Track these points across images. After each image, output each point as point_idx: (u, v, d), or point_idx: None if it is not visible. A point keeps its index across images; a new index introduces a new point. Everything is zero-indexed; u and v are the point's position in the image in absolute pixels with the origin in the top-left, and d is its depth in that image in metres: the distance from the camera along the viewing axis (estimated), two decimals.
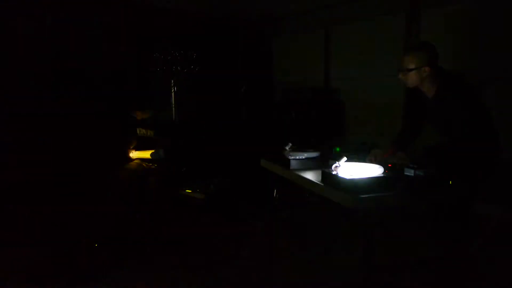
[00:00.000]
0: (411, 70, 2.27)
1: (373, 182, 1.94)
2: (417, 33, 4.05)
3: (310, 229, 3.44)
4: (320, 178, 2.18)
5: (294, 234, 3.37)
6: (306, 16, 5.42)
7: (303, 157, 2.58)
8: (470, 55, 3.57)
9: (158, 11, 5.18)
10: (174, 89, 4.87)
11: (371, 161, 2.37)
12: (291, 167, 2.53)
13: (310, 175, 2.33)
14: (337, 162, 2.05)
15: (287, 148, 2.66)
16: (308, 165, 2.53)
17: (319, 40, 5.20)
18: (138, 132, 3.81)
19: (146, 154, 3.69)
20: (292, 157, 2.57)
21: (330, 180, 2.06)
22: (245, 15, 5.73)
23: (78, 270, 2.76)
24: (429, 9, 3.94)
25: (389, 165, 2.23)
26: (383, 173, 2.00)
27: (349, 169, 2.04)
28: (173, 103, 4.90)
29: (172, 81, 4.90)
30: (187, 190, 4.09)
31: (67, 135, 4.74)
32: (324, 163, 2.40)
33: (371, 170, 2.02)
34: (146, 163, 3.67)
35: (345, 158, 2.06)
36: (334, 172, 2.03)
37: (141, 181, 3.64)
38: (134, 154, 3.75)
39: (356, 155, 2.45)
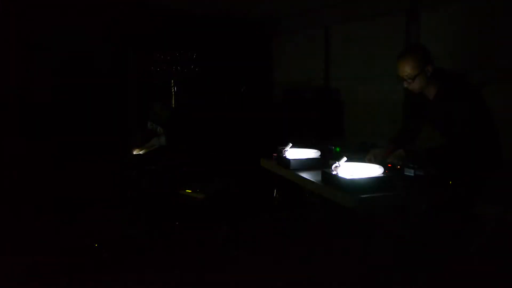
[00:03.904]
0: (416, 75, 2.26)
1: (373, 182, 1.94)
2: (417, 33, 4.05)
3: (310, 229, 3.43)
4: (320, 178, 2.18)
5: (294, 234, 3.37)
6: (306, 16, 5.42)
7: (303, 157, 2.58)
8: (470, 55, 3.57)
9: (158, 11, 5.19)
10: (174, 89, 4.88)
11: (370, 161, 2.37)
12: (291, 167, 2.52)
13: (310, 175, 2.33)
14: (337, 162, 2.04)
15: (287, 148, 2.66)
16: (308, 165, 2.52)
17: (319, 40, 5.20)
18: (148, 125, 3.80)
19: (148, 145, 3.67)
20: (292, 157, 2.56)
21: (330, 180, 2.06)
22: (245, 14, 5.73)
23: (78, 270, 2.76)
24: (429, 9, 3.94)
25: (389, 165, 2.23)
26: (383, 173, 2.00)
27: (349, 169, 2.04)
28: (173, 103, 4.90)
29: (172, 81, 4.90)
30: (187, 190, 4.09)
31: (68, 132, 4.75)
32: (324, 163, 2.40)
33: (371, 170, 2.02)
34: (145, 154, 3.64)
35: (345, 158, 2.06)
36: (334, 172, 2.03)
37: (141, 180, 3.64)
38: (137, 151, 3.73)
39: (356, 155, 2.45)
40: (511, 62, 3.32)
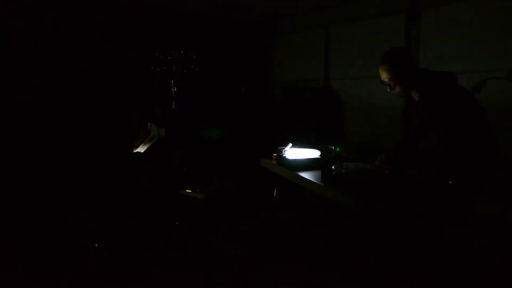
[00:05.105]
0: (396, 80, 2.25)
1: (373, 182, 1.95)
2: (417, 33, 4.05)
3: (310, 229, 3.44)
4: (320, 178, 2.18)
5: (294, 234, 3.37)
6: (306, 16, 5.42)
7: (303, 157, 2.58)
8: (470, 55, 3.57)
9: (157, 11, 5.19)
10: (174, 89, 4.88)
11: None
12: (291, 167, 2.53)
13: (310, 175, 2.33)
14: (337, 162, 2.05)
15: (287, 148, 2.66)
16: (308, 165, 2.53)
17: (319, 40, 5.20)
18: (148, 126, 3.80)
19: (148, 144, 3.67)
20: (292, 157, 2.57)
21: (330, 180, 2.06)
22: (245, 14, 5.73)
23: (78, 270, 2.76)
24: (429, 9, 3.94)
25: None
26: (383, 173, 2.00)
27: (349, 169, 2.04)
28: (173, 103, 4.90)
29: (172, 81, 4.90)
30: (187, 190, 4.09)
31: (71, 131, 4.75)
32: (324, 163, 2.40)
33: (371, 170, 2.03)
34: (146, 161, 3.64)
35: (345, 158, 2.06)
36: (333, 172, 2.03)
37: (141, 180, 3.64)
38: (137, 148, 3.74)
39: (357, 155, 2.46)
40: (511, 62, 3.32)
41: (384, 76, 2.28)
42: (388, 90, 2.34)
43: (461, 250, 2.23)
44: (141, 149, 3.68)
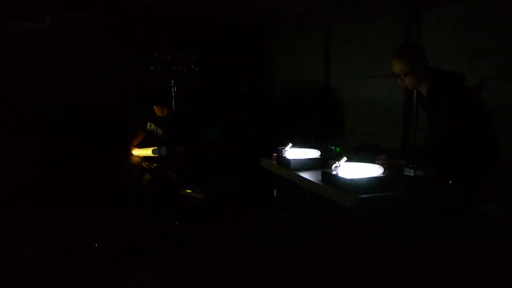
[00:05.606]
0: (408, 72, 2.27)
1: (373, 182, 1.94)
2: (417, 32, 4.05)
3: (310, 229, 3.44)
4: (320, 178, 2.18)
5: (294, 234, 3.37)
6: (306, 16, 5.42)
7: (303, 157, 2.58)
8: (470, 55, 3.57)
9: (157, 11, 5.19)
10: (174, 89, 4.88)
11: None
12: (291, 167, 2.52)
13: (310, 175, 2.33)
14: (337, 162, 2.04)
15: (287, 148, 2.66)
16: (308, 165, 2.52)
17: (319, 40, 5.20)
18: (148, 126, 3.82)
19: (148, 151, 3.68)
20: (292, 157, 2.56)
21: (330, 180, 2.06)
22: (245, 14, 5.73)
23: (78, 270, 2.76)
24: (429, 9, 3.94)
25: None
26: (383, 173, 2.00)
27: (349, 169, 2.04)
28: (173, 103, 4.91)
29: (172, 81, 4.90)
30: (187, 190, 4.09)
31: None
32: (324, 163, 2.39)
33: (371, 170, 2.02)
34: (146, 163, 3.67)
35: (345, 158, 2.06)
36: (334, 172, 2.03)
37: (140, 180, 3.64)
38: (135, 151, 3.75)
39: (356, 155, 2.45)
40: (511, 62, 3.32)
41: (399, 65, 2.29)
42: (398, 82, 2.35)
43: (461, 250, 2.23)
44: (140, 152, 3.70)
